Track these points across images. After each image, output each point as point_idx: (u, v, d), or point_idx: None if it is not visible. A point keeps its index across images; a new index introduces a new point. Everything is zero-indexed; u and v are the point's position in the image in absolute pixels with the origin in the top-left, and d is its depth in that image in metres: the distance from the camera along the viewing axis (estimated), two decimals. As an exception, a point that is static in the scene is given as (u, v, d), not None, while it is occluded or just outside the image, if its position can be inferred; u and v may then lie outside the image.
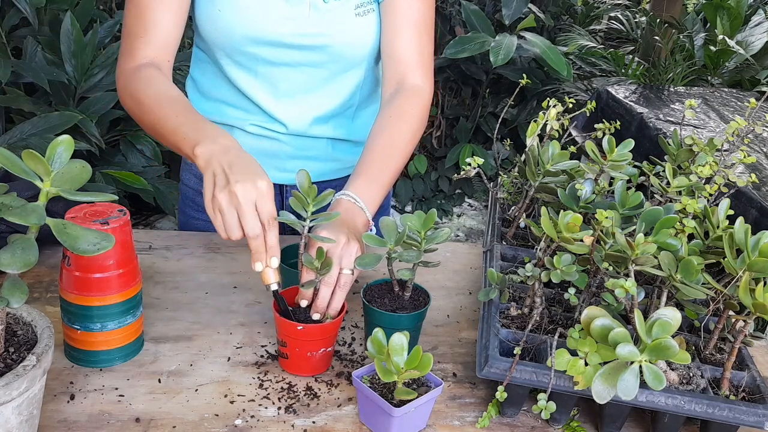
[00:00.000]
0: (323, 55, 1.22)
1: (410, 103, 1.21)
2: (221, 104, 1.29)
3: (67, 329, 0.93)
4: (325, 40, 1.20)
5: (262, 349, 1.01)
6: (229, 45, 1.19)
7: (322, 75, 1.25)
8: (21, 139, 2.25)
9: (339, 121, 1.32)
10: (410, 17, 1.22)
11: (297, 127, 1.28)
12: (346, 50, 1.22)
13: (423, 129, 1.23)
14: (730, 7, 4.51)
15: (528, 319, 0.95)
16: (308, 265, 0.93)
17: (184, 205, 1.43)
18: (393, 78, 1.24)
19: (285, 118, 1.27)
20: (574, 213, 0.89)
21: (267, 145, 1.30)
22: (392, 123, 1.18)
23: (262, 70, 1.23)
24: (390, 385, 0.86)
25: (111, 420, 0.85)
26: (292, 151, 1.31)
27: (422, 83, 1.24)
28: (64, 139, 0.70)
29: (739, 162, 1.07)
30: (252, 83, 1.24)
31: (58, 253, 1.18)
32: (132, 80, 1.13)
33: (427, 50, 1.25)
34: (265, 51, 1.20)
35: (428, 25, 1.25)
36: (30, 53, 2.54)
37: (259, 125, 1.28)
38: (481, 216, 4.08)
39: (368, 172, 1.11)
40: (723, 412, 0.82)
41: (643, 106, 3.13)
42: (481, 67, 3.87)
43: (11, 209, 0.65)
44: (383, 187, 1.12)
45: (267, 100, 1.26)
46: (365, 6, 1.21)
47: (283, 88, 1.25)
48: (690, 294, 0.84)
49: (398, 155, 1.16)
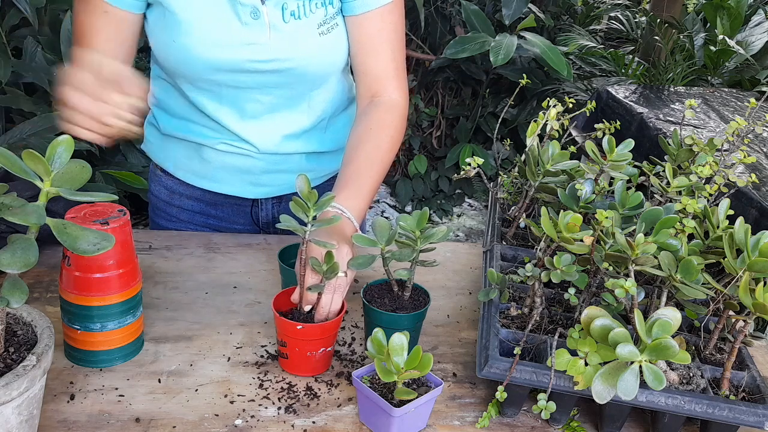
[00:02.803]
0: (287, 77, 1.18)
1: (389, 115, 1.20)
2: (188, 122, 1.25)
3: (67, 329, 0.93)
4: (287, 64, 1.16)
5: (262, 349, 1.01)
6: (189, 73, 1.15)
7: (288, 95, 1.21)
8: (21, 139, 2.25)
9: (311, 135, 1.29)
10: (384, 34, 1.19)
11: (267, 146, 1.25)
12: (311, 70, 1.19)
13: (402, 138, 1.23)
14: (730, 7, 4.50)
15: (528, 319, 0.95)
16: (315, 268, 0.93)
17: (155, 215, 1.42)
18: (368, 92, 1.22)
19: (254, 139, 1.24)
20: (574, 213, 0.89)
21: (239, 161, 1.27)
22: (373, 134, 1.17)
23: (226, 93, 1.19)
24: (390, 385, 0.86)
25: (111, 420, 0.85)
26: (265, 166, 1.28)
27: (398, 96, 1.23)
28: (64, 139, 0.70)
29: (739, 162, 1.07)
30: (217, 107, 1.20)
31: (58, 253, 1.18)
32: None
33: (400, 62, 1.23)
34: (226, 77, 1.15)
35: (400, 37, 1.22)
36: (30, 53, 2.54)
37: (228, 143, 1.25)
38: (481, 216, 4.08)
39: (353, 183, 1.11)
40: (723, 412, 0.82)
41: (643, 106, 3.13)
42: (481, 67, 3.87)
43: (11, 209, 0.65)
44: (368, 197, 1.12)
45: (234, 122, 1.22)
46: (329, 23, 1.16)
47: (249, 110, 1.21)
48: (690, 294, 0.84)
49: (380, 165, 1.16)
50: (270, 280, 1.18)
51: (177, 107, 1.25)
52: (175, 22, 1.10)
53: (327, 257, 0.92)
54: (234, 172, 1.28)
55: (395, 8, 1.20)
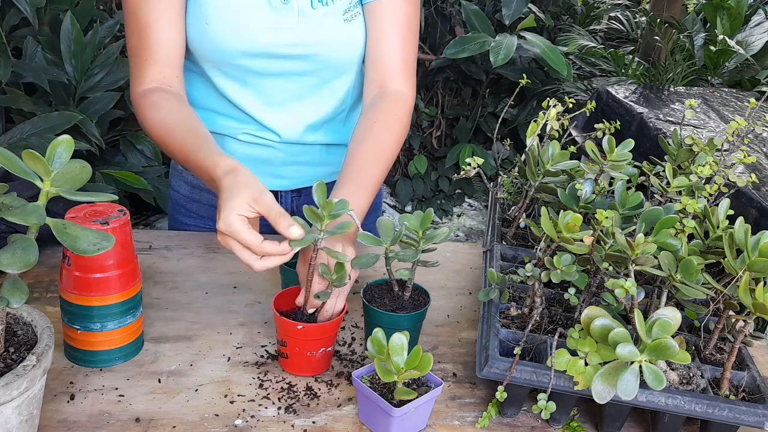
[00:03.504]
0: (313, 64, 1.21)
1: (394, 108, 1.20)
2: (212, 113, 1.27)
3: (67, 329, 0.93)
4: (313, 49, 1.19)
5: (262, 349, 1.01)
6: (218, 58, 1.18)
7: (312, 83, 1.24)
8: (21, 139, 2.25)
9: (331, 126, 1.31)
10: (395, 21, 1.20)
11: (290, 135, 1.28)
12: (335, 57, 1.21)
13: (406, 134, 1.23)
14: (730, 7, 4.50)
15: (528, 319, 0.95)
16: (325, 276, 0.93)
17: (175, 211, 1.42)
18: (375, 82, 1.23)
19: (277, 127, 1.26)
20: (574, 213, 0.89)
21: (260, 152, 1.29)
22: (377, 129, 1.17)
23: (252, 80, 1.22)
24: (390, 385, 0.86)
25: (111, 420, 0.85)
26: (285, 158, 1.31)
27: (405, 89, 1.23)
28: (64, 139, 0.70)
29: (739, 162, 1.07)
30: (242, 94, 1.23)
31: (58, 253, 1.18)
32: (140, 106, 1.14)
33: (411, 55, 1.24)
34: (254, 62, 1.19)
35: (413, 28, 1.23)
36: (30, 53, 2.54)
37: (251, 134, 1.28)
38: (481, 216, 4.08)
39: (356, 179, 1.10)
40: (723, 412, 0.82)
41: (643, 106, 3.13)
42: (481, 67, 3.87)
43: (11, 209, 0.65)
44: (370, 193, 1.11)
45: (258, 109, 1.25)
46: (352, 11, 1.19)
47: (273, 97, 1.24)
48: (690, 294, 0.84)
49: (384, 161, 1.15)
50: (270, 280, 1.18)
51: (202, 98, 1.27)
52: (208, 5, 1.14)
53: (337, 267, 0.93)
54: (255, 163, 1.29)
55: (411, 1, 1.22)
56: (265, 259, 0.91)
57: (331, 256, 0.91)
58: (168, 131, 1.10)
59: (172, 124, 1.10)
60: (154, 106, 1.12)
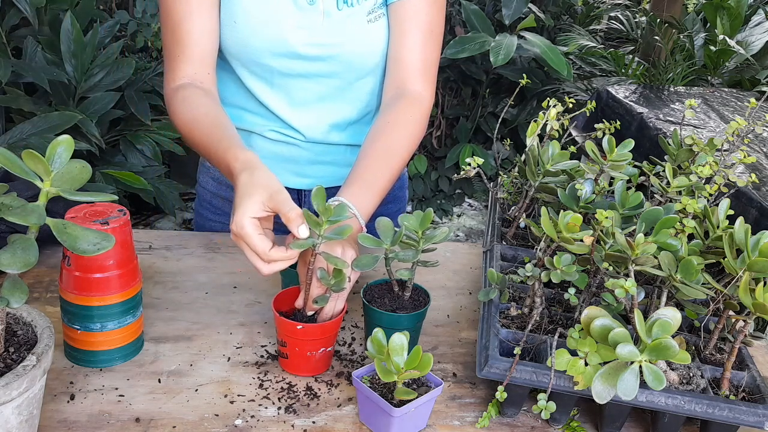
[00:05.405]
0: (337, 65, 1.21)
1: (410, 109, 1.20)
2: (240, 110, 1.29)
3: (67, 329, 0.93)
4: (338, 50, 1.19)
5: (262, 349, 1.01)
6: (245, 56, 1.20)
7: (337, 84, 1.24)
8: (21, 139, 2.25)
9: (357, 127, 1.31)
10: (417, 22, 1.20)
11: (314, 135, 1.29)
12: (359, 58, 1.22)
13: (422, 136, 1.22)
14: (730, 7, 4.50)
15: (528, 319, 0.95)
16: (323, 281, 0.93)
17: (201, 207, 1.43)
18: (394, 82, 1.23)
19: (302, 126, 1.27)
20: (574, 213, 0.89)
21: (286, 150, 1.30)
22: (390, 128, 1.17)
23: (278, 81, 1.23)
24: (390, 385, 0.86)
25: (111, 420, 0.85)
26: (310, 157, 1.31)
27: (423, 90, 1.22)
28: (64, 139, 0.70)
29: (739, 162, 1.07)
30: (268, 93, 1.25)
31: (58, 253, 1.18)
32: (172, 102, 1.16)
33: (431, 57, 1.24)
34: (279, 62, 1.20)
35: (436, 32, 1.23)
36: (30, 53, 2.54)
37: (277, 131, 1.29)
38: (481, 216, 4.08)
39: (363, 178, 1.09)
40: (723, 412, 0.82)
41: (643, 106, 3.13)
42: (481, 67, 3.86)
43: (11, 209, 0.65)
44: (378, 193, 1.10)
45: (283, 109, 1.26)
46: (376, 12, 1.20)
47: (298, 97, 1.25)
48: (690, 294, 0.84)
49: (395, 161, 1.14)
50: (270, 280, 1.18)
51: (231, 95, 1.28)
52: (237, 4, 1.15)
53: (336, 272, 0.92)
54: (280, 161, 1.30)
55: (435, 2, 1.22)
56: (272, 263, 0.92)
57: (330, 261, 0.90)
58: (194, 124, 1.11)
59: (198, 116, 1.11)
60: (184, 101, 1.13)
